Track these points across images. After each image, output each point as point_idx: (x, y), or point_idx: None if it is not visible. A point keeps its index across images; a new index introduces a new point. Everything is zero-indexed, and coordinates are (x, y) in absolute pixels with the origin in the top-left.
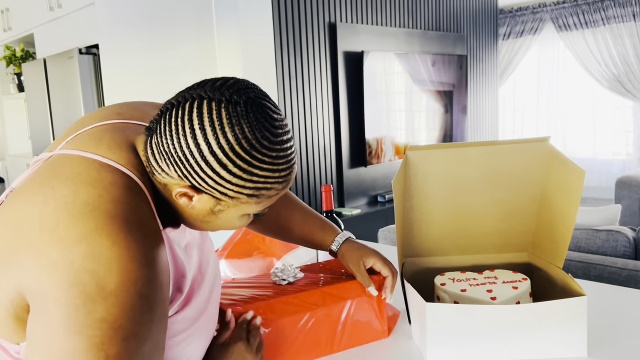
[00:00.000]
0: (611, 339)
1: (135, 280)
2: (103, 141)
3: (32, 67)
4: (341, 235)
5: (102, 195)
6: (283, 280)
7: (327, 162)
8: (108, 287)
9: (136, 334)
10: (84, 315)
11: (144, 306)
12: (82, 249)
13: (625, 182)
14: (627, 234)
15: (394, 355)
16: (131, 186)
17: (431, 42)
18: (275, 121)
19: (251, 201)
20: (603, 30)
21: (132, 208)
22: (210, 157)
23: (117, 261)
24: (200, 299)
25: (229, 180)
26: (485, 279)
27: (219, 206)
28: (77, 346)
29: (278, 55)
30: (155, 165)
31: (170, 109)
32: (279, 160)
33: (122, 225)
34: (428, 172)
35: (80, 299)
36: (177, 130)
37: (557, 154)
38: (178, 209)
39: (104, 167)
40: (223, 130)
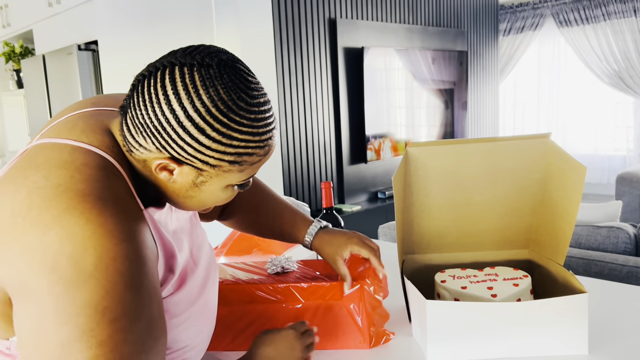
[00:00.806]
0: (612, 336)
1: (113, 258)
2: (76, 127)
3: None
4: (313, 227)
5: (74, 176)
6: (270, 269)
7: (327, 158)
8: (86, 269)
9: (125, 313)
10: (68, 302)
11: (127, 283)
12: (56, 230)
13: (626, 178)
14: (628, 231)
15: (394, 353)
16: (105, 166)
17: (431, 38)
18: (250, 83)
19: (234, 169)
20: (604, 25)
21: (106, 186)
22: (187, 122)
23: (92, 239)
24: (194, 283)
25: (208, 146)
26: (486, 276)
27: (201, 177)
28: (66, 336)
29: (278, 51)
30: (132, 141)
31: (142, 80)
32: (258, 122)
33: (95, 203)
34: (429, 169)
35: (61, 285)
36: (151, 99)
37: (558, 150)
38: (160, 187)
39: (76, 150)
40: (198, 93)
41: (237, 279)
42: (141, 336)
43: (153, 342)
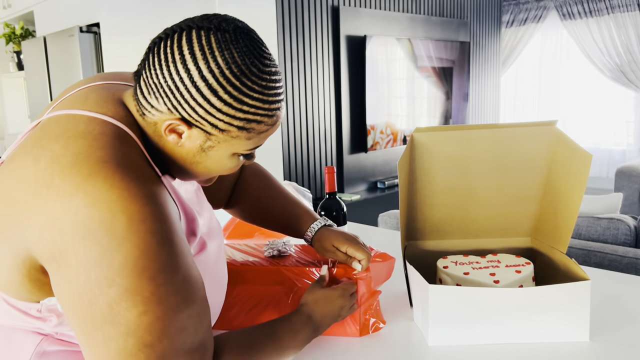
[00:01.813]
0: (612, 324)
1: (142, 219)
2: (89, 99)
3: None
4: (318, 222)
5: (92, 144)
6: (267, 252)
7: (328, 146)
8: (118, 233)
9: (162, 269)
10: (107, 267)
11: (159, 241)
12: (81, 197)
13: (625, 172)
14: (628, 222)
15: (395, 338)
16: (120, 135)
17: (434, 27)
18: (263, 52)
19: (241, 135)
20: (607, 19)
21: (123, 153)
22: (201, 82)
23: (118, 203)
24: (212, 247)
25: (219, 108)
26: (489, 262)
27: (209, 142)
28: (113, 297)
29: (280, 38)
30: (145, 103)
31: (158, 42)
32: (269, 90)
33: (116, 169)
34: (433, 154)
35: (96, 250)
36: (167, 59)
37: (564, 137)
38: (168, 153)
39: (92, 120)
40: (213, 55)
41: (232, 259)
42: (182, 287)
43: (194, 291)
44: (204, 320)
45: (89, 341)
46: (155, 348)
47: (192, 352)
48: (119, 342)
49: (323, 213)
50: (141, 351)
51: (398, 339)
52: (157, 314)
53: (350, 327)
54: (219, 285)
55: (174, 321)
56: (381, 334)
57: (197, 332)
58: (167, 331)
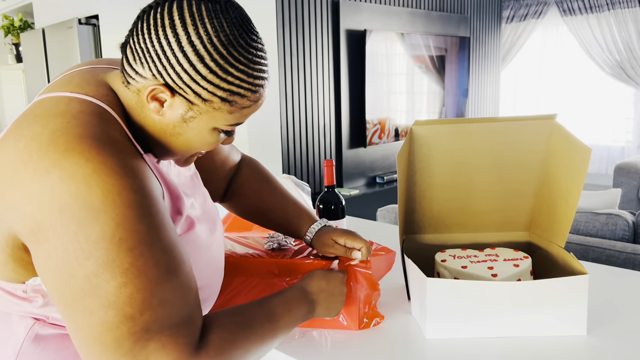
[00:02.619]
0: (609, 318)
1: (118, 192)
2: (72, 81)
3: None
4: (316, 225)
5: (70, 122)
6: (267, 245)
7: (327, 141)
8: (94, 206)
9: (140, 241)
10: (84, 239)
11: (136, 213)
12: (57, 172)
13: (624, 168)
14: (627, 218)
15: (393, 331)
16: (100, 112)
17: (434, 22)
18: (252, 28)
19: (223, 108)
20: (607, 15)
21: (102, 129)
22: (188, 47)
23: (94, 177)
24: (202, 228)
25: (204, 75)
26: (487, 256)
27: (190, 112)
28: (91, 269)
29: (280, 31)
30: (129, 70)
31: (148, 10)
32: (254, 65)
33: (92, 143)
34: (432, 147)
35: (73, 224)
36: (156, 24)
37: (563, 131)
38: (148, 126)
39: (72, 100)
40: (203, 21)
41: (232, 252)
42: (163, 259)
43: (176, 264)
44: (189, 294)
45: (71, 315)
46: (137, 320)
47: (178, 326)
48: (100, 314)
49: (321, 206)
50: (123, 323)
51: (396, 332)
52: (137, 285)
53: (349, 321)
54: (210, 268)
55: (156, 293)
56: (379, 327)
57: (182, 306)
58: (149, 303)
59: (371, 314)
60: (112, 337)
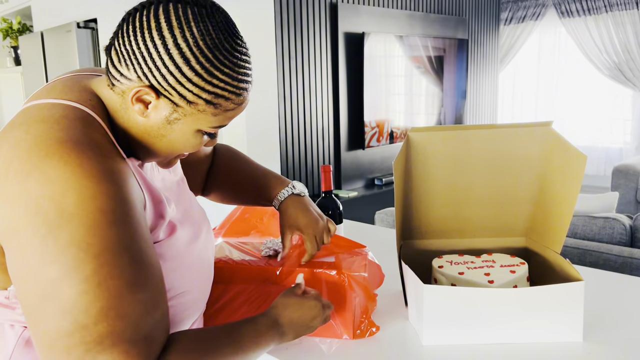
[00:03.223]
0: (606, 325)
1: (93, 196)
2: (55, 88)
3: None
4: (286, 190)
5: (53, 127)
6: (264, 252)
7: (325, 143)
8: (67, 209)
9: (107, 248)
10: (52, 242)
11: (109, 220)
12: (36, 176)
13: (622, 170)
14: (624, 222)
15: (389, 337)
16: (83, 117)
17: (432, 25)
18: (237, 33)
19: (208, 110)
20: (605, 17)
21: (84, 133)
22: (175, 49)
23: (71, 180)
24: (184, 233)
25: (189, 78)
26: (483, 262)
27: (175, 114)
28: (55, 274)
29: (278, 34)
30: (115, 72)
31: (134, 13)
32: (239, 68)
33: (73, 147)
34: (429, 154)
35: (45, 227)
36: (142, 27)
37: (559, 138)
38: (132, 128)
39: (55, 106)
40: (189, 25)
41: (229, 258)
42: (129, 271)
43: (143, 278)
44: (153, 311)
45: (31, 317)
46: (90, 330)
47: (133, 343)
48: (56, 320)
49: None
50: (77, 331)
51: (392, 338)
52: (97, 294)
53: (343, 330)
54: (193, 274)
55: (115, 305)
56: (376, 335)
57: (142, 322)
58: (105, 314)
59: (367, 323)
60: (64, 344)
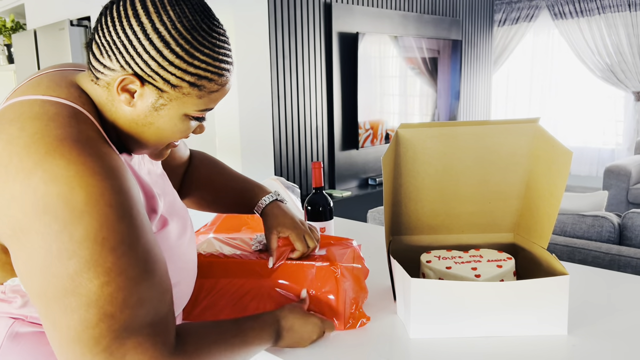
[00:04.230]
0: (591, 319)
1: (101, 193)
2: (41, 84)
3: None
4: (267, 197)
5: (48, 124)
6: (255, 246)
7: (319, 143)
8: (77, 206)
9: (122, 241)
10: (67, 239)
11: (118, 214)
12: (39, 174)
13: (614, 171)
14: (613, 220)
15: (378, 330)
16: (75, 114)
17: (426, 25)
18: (213, 15)
19: (193, 93)
20: (598, 19)
21: (80, 130)
22: (154, 34)
23: (76, 178)
24: (173, 226)
25: (171, 61)
26: (471, 257)
27: (161, 100)
28: (74, 268)
29: (272, 34)
30: (97, 65)
31: (111, 6)
32: (218, 49)
33: (73, 145)
34: (418, 150)
35: (57, 224)
36: (120, 16)
37: (545, 134)
38: (120, 120)
39: (46, 102)
40: (165, 9)
41: (220, 253)
42: (143, 259)
43: (154, 264)
44: (165, 294)
45: (50, 314)
46: (117, 318)
47: (154, 325)
48: (81, 312)
49: (309, 207)
50: (102, 321)
51: (381, 331)
52: (119, 284)
53: (335, 320)
54: (182, 266)
55: (135, 292)
56: (364, 327)
57: (159, 305)
58: (129, 302)
59: (358, 314)
60: (90, 335)
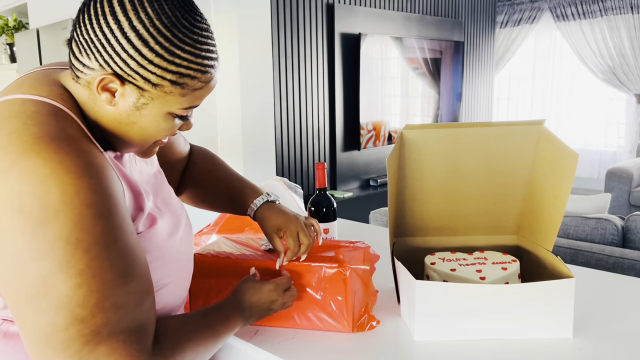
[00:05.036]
0: (596, 322)
1: (76, 192)
2: (24, 84)
3: (25, 38)
4: (260, 198)
5: (26, 122)
6: (264, 245)
7: (321, 143)
8: (52, 205)
9: (97, 242)
10: (40, 239)
11: (94, 214)
12: (15, 173)
13: (616, 173)
14: (616, 223)
15: (382, 333)
16: (56, 112)
17: (428, 27)
18: (195, 9)
19: (175, 91)
20: (600, 21)
21: (59, 128)
22: (131, 32)
23: (52, 177)
24: (163, 225)
25: (151, 60)
26: (475, 259)
27: (142, 99)
28: (46, 269)
29: (274, 34)
30: (77, 64)
31: (89, 2)
32: (201, 45)
33: (50, 143)
34: (423, 152)
35: (30, 223)
36: (97, 14)
37: (551, 137)
38: (103, 119)
39: (26, 101)
40: (143, 5)
41: (229, 253)
42: (119, 262)
43: (132, 268)
44: (144, 300)
45: (21, 315)
46: (87, 323)
47: (130, 332)
48: (50, 315)
49: (313, 208)
50: (72, 325)
51: (385, 334)
52: (92, 287)
53: (343, 323)
54: (175, 264)
55: (110, 296)
56: (368, 331)
57: (135, 312)
58: (102, 306)
59: (367, 317)
60: (60, 339)
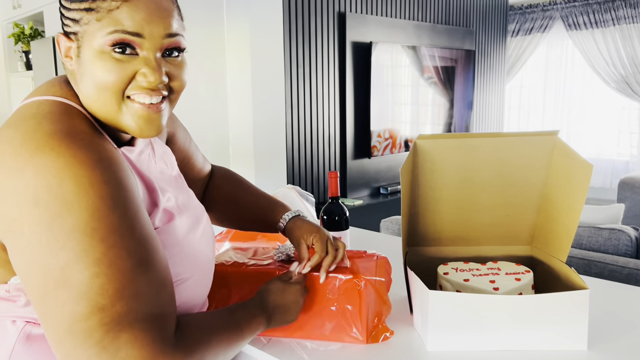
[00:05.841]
0: (611, 334)
1: (90, 183)
2: (40, 88)
3: (41, 46)
4: (289, 213)
5: (41, 122)
6: (277, 256)
7: (332, 151)
8: (67, 198)
9: (113, 231)
10: (58, 230)
11: (108, 204)
12: (30, 169)
13: (628, 183)
14: (630, 233)
15: (394, 343)
16: (69, 109)
17: (440, 35)
18: None
19: (92, 19)
20: (613, 30)
21: (71, 125)
22: None
23: (65, 170)
24: (181, 222)
25: None
26: (489, 269)
27: (76, 42)
28: (64, 259)
29: (287, 43)
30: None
31: None
32: None
33: (62, 139)
34: (436, 162)
35: (47, 216)
36: None
37: (565, 147)
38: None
39: (42, 103)
40: None
41: (242, 262)
42: (136, 251)
43: (150, 258)
44: (163, 290)
45: (43, 307)
46: (108, 311)
47: (151, 320)
48: (72, 305)
49: (325, 217)
50: (94, 314)
51: (397, 344)
52: (109, 276)
53: (357, 334)
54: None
55: (128, 285)
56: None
57: (155, 300)
58: (121, 295)
59: (381, 328)
60: (82, 328)
